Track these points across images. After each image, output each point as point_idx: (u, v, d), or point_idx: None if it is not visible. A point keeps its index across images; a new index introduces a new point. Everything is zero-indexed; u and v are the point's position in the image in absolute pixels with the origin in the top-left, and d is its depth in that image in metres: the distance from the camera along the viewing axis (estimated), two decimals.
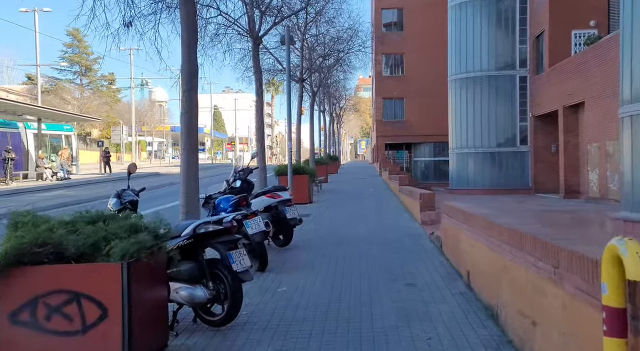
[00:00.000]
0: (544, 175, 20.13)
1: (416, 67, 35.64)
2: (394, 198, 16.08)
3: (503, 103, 21.08)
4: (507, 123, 21.07)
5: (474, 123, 21.51)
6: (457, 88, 22.22)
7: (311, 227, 10.54)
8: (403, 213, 12.44)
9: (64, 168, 26.07)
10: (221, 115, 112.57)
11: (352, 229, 10.12)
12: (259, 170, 11.03)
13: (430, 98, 34.82)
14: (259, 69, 10.88)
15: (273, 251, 8.14)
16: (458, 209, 6.33)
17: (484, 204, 15.84)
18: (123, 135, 57.51)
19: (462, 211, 6.10)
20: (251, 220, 6.75)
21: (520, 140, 21.03)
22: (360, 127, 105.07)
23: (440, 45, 34.98)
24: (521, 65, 20.95)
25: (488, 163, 21.32)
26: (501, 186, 20.78)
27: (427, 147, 36.62)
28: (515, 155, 21.09)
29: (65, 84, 60.33)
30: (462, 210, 6.11)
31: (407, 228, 10.04)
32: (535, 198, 18.30)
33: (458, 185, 22.05)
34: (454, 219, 6.62)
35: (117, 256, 3.52)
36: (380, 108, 37.24)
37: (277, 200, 8.23)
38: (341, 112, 53.30)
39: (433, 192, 10.56)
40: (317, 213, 12.96)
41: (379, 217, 11.97)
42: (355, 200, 16.13)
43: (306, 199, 15.36)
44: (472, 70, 21.58)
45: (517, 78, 20.97)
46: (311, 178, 15.97)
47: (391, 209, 13.47)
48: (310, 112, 22.43)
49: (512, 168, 21.05)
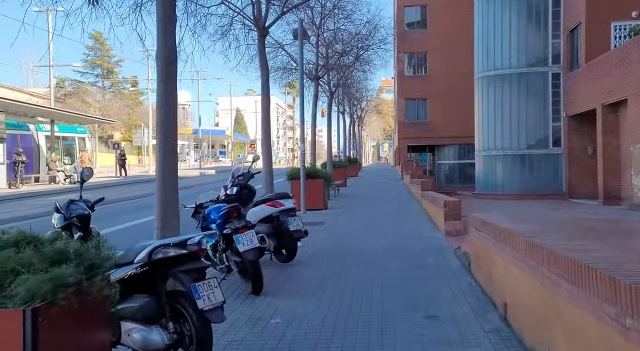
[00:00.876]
0: (579, 179, 18.66)
1: (440, 66, 34.32)
2: (415, 204, 14.91)
3: (534, 102, 19.69)
4: (538, 123, 19.67)
5: (502, 123, 20.17)
6: (484, 86, 20.91)
7: (322, 237, 9.49)
8: (425, 222, 11.28)
9: (77, 171, 25.53)
10: (243, 117, 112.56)
11: (368, 240, 9.03)
12: (264, 174, 10.02)
13: (454, 99, 33.46)
14: (265, 64, 9.89)
15: (274, 267, 7.12)
16: (491, 225, 5.20)
17: (516, 213, 14.56)
18: (144, 137, 57.42)
19: (496, 228, 4.97)
20: (242, 235, 5.72)
21: (553, 142, 19.60)
22: (382, 129, 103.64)
23: (465, 43, 33.60)
24: (554, 61, 19.53)
25: (518, 166, 19.95)
26: (532, 191, 19.38)
27: (451, 150, 35.21)
28: (547, 158, 19.67)
29: (88, 87, 60.53)
30: (496, 226, 4.98)
31: (429, 240, 8.90)
32: (570, 205, 16.89)
33: (485, 189, 20.71)
34: (486, 235, 5.48)
35: (19, 299, 2.52)
36: (403, 109, 35.99)
37: (278, 210, 7.21)
38: (362, 113, 52.16)
39: (459, 199, 9.39)
40: (331, 221, 11.89)
41: (398, 226, 10.84)
42: (373, 206, 15.02)
43: (321, 205, 14.33)
44: (501, 67, 20.24)
45: (550, 75, 19.56)
46: (326, 183, 14.92)
47: (412, 217, 12.32)
48: (328, 113, 21.40)
49: (544, 172, 19.63)
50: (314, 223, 11.71)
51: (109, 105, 58.33)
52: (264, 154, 10.01)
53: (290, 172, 14.49)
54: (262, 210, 7.29)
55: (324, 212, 13.94)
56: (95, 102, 58.14)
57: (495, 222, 5.24)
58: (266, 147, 9.98)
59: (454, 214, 9.27)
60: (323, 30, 16.13)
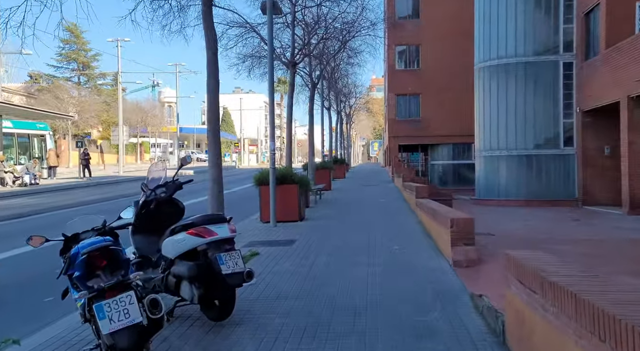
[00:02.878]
0: (595, 184, 16.32)
1: (434, 59, 31.96)
2: (409, 216, 12.42)
3: (543, 95, 17.31)
4: (547, 119, 17.30)
5: (506, 120, 17.77)
6: (486, 78, 18.50)
7: (285, 269, 6.97)
8: (422, 241, 8.79)
9: (30, 172, 22.78)
10: (230, 116, 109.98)
11: (346, 275, 6.51)
12: (209, 181, 7.47)
13: (449, 94, 31.15)
14: (213, 33, 7.35)
15: (197, 328, 4.63)
16: (564, 289, 2.70)
17: (532, 226, 12.09)
18: (123, 136, 54.62)
19: (569, 292, 2.47)
20: (109, 302, 3.19)
21: (564, 141, 17.24)
22: (372, 128, 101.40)
23: (462, 34, 31.23)
24: (565, 49, 17.17)
25: (524, 168, 17.56)
26: (540, 196, 17.02)
27: (445, 149, 32.86)
28: (557, 159, 17.30)
29: (63, 82, 57.38)
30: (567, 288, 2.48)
31: (431, 275, 6.40)
32: (590, 214, 14.49)
33: (487, 194, 18.31)
34: (541, 296, 3.00)
35: None
36: (394, 106, 33.56)
37: (206, 241, 4.69)
38: (351, 111, 49.69)
39: (471, 218, 6.90)
40: (304, 239, 9.37)
41: (388, 248, 8.32)
42: (359, 217, 12.51)
43: (295, 215, 11.83)
44: (505, 56, 17.84)
45: (561, 65, 17.19)
46: (303, 189, 12.39)
47: (406, 234, 9.82)
48: (310, 106, 18.89)
49: (554, 175, 17.26)
50: (281, 242, 9.19)
51: (84, 101, 55.24)
52: (211, 153, 7.48)
53: (259, 175, 11.95)
54: (183, 240, 4.77)
55: (298, 224, 11.44)
56: (70, 98, 55.04)
57: (569, 285, 2.75)
58: (213, 143, 7.44)
59: (466, 237, 6.79)
60: (300, 6, 13.65)
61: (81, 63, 58.27)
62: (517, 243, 8.75)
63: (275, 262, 7.48)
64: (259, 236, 9.96)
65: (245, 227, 11.35)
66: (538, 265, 3.32)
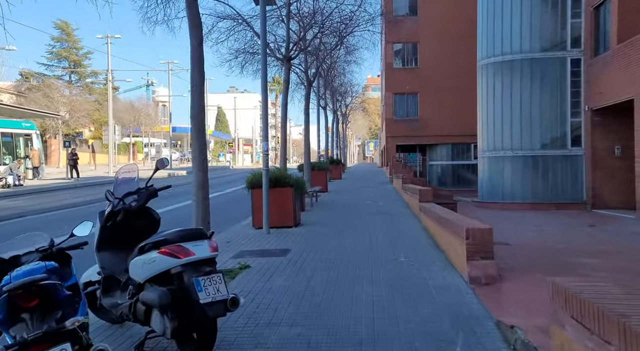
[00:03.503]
0: (605, 186, 15.57)
1: (432, 57, 31.22)
2: (412, 221, 11.61)
3: (549, 93, 16.55)
4: (554, 118, 16.54)
5: (511, 119, 17.00)
6: (490, 75, 17.72)
7: (278, 286, 6.14)
8: (429, 251, 7.98)
9: (14, 173, 21.84)
10: (225, 115, 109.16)
11: (348, 295, 5.69)
12: (195, 186, 6.63)
13: (448, 93, 30.42)
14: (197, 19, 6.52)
15: None
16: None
17: (546, 233, 11.22)
18: (115, 135, 53.68)
19: None
20: None
21: (571, 141, 16.49)
22: (368, 127, 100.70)
23: (461, 31, 30.50)
24: (573, 44, 16.41)
25: (530, 169, 16.78)
26: (546, 199, 16.26)
27: (444, 149, 32.11)
28: (565, 160, 16.55)
29: (54, 80, 56.25)
30: None
31: (444, 294, 5.59)
32: (602, 219, 13.71)
33: (490, 197, 17.53)
34: None
35: None
36: (391, 105, 32.78)
37: (182, 262, 3.87)
38: (347, 110, 48.90)
39: (489, 228, 6.08)
40: (299, 249, 8.54)
41: (392, 260, 7.51)
42: (357, 221, 11.68)
43: (290, 221, 11.01)
44: (510, 52, 17.06)
45: (568, 61, 16.43)
46: (298, 192, 11.57)
47: (411, 243, 9.01)
48: (306, 104, 18.05)
49: (561, 177, 16.50)
50: (275, 251, 8.37)
51: (75, 100, 54.13)
52: (196, 154, 6.64)
53: (251, 177, 11.11)
54: (153, 261, 3.95)
55: (293, 231, 10.61)
56: (61, 97, 53.92)
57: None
58: (198, 143, 6.61)
59: (483, 250, 5.98)
60: None
61: (72, 61, 57.17)
62: (537, 254, 7.95)
63: (268, 276, 6.66)
64: (251, 244, 9.14)
65: (236, 233, 10.53)
66: (610, 307, 2.50)
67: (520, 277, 6.06)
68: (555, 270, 6.34)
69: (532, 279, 5.93)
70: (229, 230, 11.11)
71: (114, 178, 4.80)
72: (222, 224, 12.52)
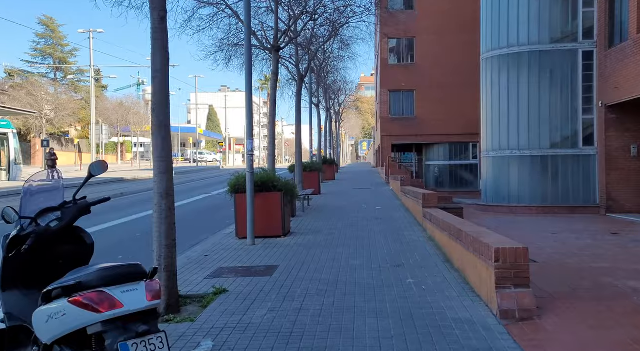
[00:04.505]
0: (620, 189, 14.43)
1: (430, 53, 30.01)
2: (415, 230, 10.36)
3: (559, 88, 15.39)
4: (564, 115, 15.38)
5: (518, 116, 15.81)
6: (494, 69, 16.52)
7: (259, 320, 4.86)
8: (443, 273, 6.70)
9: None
10: (216, 114, 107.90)
11: (348, 334, 4.43)
12: (157, 195, 5.33)
13: (446, 91, 29.24)
14: None
15: None
16: None
17: (567, 244, 9.93)
18: (102, 135, 52.22)
19: None
20: None
21: (583, 139, 15.33)
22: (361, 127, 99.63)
23: (460, 25, 29.33)
24: (585, 36, 15.25)
25: (538, 170, 15.61)
26: (557, 202, 15.11)
27: (441, 149, 30.93)
28: (576, 160, 15.39)
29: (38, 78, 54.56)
30: None
31: (468, 331, 4.34)
32: (622, 225, 12.53)
33: (496, 199, 16.34)
34: None
35: None
36: (386, 103, 31.54)
37: (101, 318, 2.58)
38: (341, 109, 47.68)
39: (524, 248, 4.83)
40: (288, 266, 7.27)
41: (398, 282, 6.25)
42: (354, 231, 10.42)
43: (279, 229, 9.74)
44: (516, 44, 15.87)
45: (580, 53, 15.27)
46: (288, 197, 10.29)
47: (417, 258, 7.74)
48: (297, 100, 16.78)
49: (572, 178, 15.34)
50: (259, 269, 7.11)
51: (61, 98, 52.47)
52: (157, 155, 5.35)
53: (234, 181, 9.83)
54: (62, 314, 2.67)
55: (282, 241, 9.35)
56: (46, 95, 52.26)
57: None
58: (161, 141, 5.33)
59: (518, 275, 4.74)
60: None
61: (57, 58, 55.52)
62: (573, 275, 6.70)
63: (248, 305, 5.39)
64: (231, 259, 7.87)
65: (216, 244, 9.26)
66: None
67: (566, 309, 4.83)
68: (605, 298, 5.14)
69: (582, 312, 4.70)
70: (209, 240, 9.84)
71: (23, 188, 3.51)
72: (203, 232, 11.25)
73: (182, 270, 7.20)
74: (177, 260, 8.27)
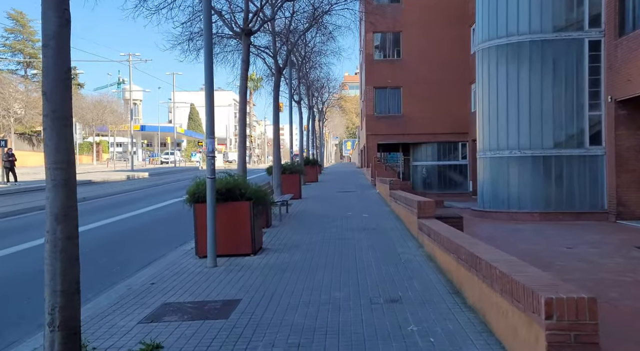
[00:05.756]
0: (632, 193, 13.05)
1: (417, 48, 28.61)
2: (409, 242, 8.78)
3: (563, 81, 13.99)
4: (569, 112, 13.99)
5: (518, 113, 14.38)
6: (491, 61, 15.06)
7: None
8: (457, 315, 5.09)
9: None
10: (198, 114, 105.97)
11: None
12: (50, 216, 3.64)
13: (435, 87, 27.90)
14: None
15: None
16: None
17: (565, 247, 8.46)
18: (76, 134, 49.88)
19: None
20: None
21: (590, 138, 13.95)
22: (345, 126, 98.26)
23: (448, 19, 27.98)
24: (592, 23, 13.88)
25: (540, 172, 14.19)
26: (561, 207, 13.71)
27: (429, 148, 29.56)
28: (582, 161, 14.01)
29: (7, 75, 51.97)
30: None
31: None
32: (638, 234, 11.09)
33: (493, 205, 14.88)
34: None
35: None
36: (371, 100, 30.04)
37: None
38: (324, 107, 46.12)
39: (591, 297, 3.28)
40: (253, 300, 5.64)
41: (400, 330, 4.64)
42: (338, 246, 8.79)
43: (247, 247, 8.11)
44: (516, 33, 14.43)
45: (586, 43, 13.89)
46: (259, 206, 8.62)
47: (419, 290, 6.14)
48: (275, 95, 15.16)
49: (578, 181, 13.95)
50: (213, 308, 5.45)
51: (31, 96, 49.96)
52: (51, 158, 3.66)
53: (193, 187, 8.16)
54: None
55: (250, 261, 7.72)
56: (15, 92, 49.72)
57: None
58: (56, 139, 3.64)
59: (582, 341, 3.16)
60: None
61: (28, 54, 53.00)
62: (634, 320, 5.13)
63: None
64: (182, 289, 6.21)
65: (170, 266, 7.58)
66: None
67: None
68: None
69: None
70: (164, 260, 8.16)
71: None
72: (162, 246, 9.56)
73: (114, 307, 5.56)
74: (116, 289, 6.60)
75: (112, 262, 8.67)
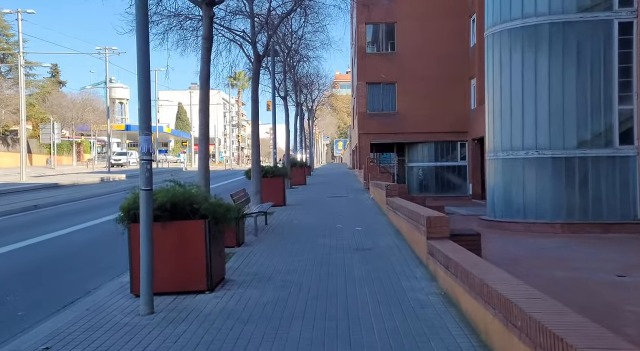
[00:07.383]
0: None
1: (413, 41, 26.64)
2: (417, 275, 6.68)
3: (588, 70, 12.03)
4: (595, 105, 12.03)
5: (535, 107, 12.39)
6: (504, 47, 13.06)
7: None
8: None
9: None
10: (186, 113, 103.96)
11: None
12: None
13: (432, 83, 25.97)
14: None
15: None
16: None
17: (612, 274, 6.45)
18: (54, 134, 47.36)
19: None
20: None
21: (620, 136, 12.00)
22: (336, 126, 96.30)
23: (446, 9, 25.98)
24: (622, 2, 11.91)
25: (562, 176, 12.21)
26: (586, 217, 11.75)
27: (426, 149, 27.60)
28: (611, 163, 12.05)
29: None
30: None
31: None
32: None
33: (506, 213, 12.88)
34: None
35: None
36: (364, 97, 28.01)
37: None
38: (314, 106, 44.07)
39: None
40: None
41: None
42: (324, 276, 6.67)
43: (201, 282, 6.06)
44: (533, 15, 12.44)
45: (615, 25, 11.93)
46: (220, 225, 6.48)
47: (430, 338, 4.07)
48: (254, 87, 13.09)
49: (607, 186, 12.00)
50: None
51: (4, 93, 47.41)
52: None
53: (129, 201, 6.06)
54: None
55: (203, 302, 5.66)
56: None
57: None
58: None
59: None
60: None
61: (1, 50, 50.44)
62: None
63: None
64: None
65: (89, 313, 5.44)
66: None
67: None
68: None
69: None
70: (86, 301, 6.00)
71: None
72: (94, 277, 7.43)
73: None
74: None
75: (20, 300, 6.54)
